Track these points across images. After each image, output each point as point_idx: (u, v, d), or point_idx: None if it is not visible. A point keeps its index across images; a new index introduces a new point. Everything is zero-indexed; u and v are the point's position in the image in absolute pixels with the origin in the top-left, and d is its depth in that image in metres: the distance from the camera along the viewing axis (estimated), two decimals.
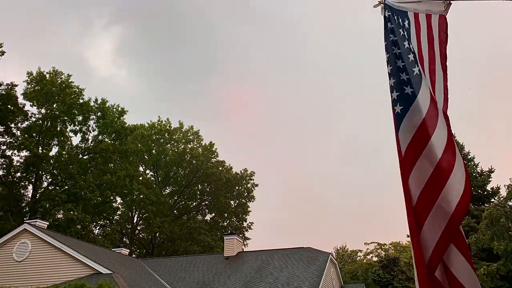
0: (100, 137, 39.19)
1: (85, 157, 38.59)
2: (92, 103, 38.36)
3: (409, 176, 3.48)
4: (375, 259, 46.76)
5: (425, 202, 3.39)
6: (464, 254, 3.31)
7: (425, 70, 3.81)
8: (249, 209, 49.77)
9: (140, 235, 46.96)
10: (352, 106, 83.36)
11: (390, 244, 47.61)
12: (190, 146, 49.63)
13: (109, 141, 38.74)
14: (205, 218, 50.41)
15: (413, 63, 3.73)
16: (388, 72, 3.85)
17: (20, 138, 34.84)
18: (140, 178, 43.67)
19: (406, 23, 3.99)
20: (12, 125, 34.62)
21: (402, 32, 3.94)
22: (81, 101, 37.51)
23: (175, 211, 48.83)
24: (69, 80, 37.54)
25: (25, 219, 28.35)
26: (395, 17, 4.05)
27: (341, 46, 79.14)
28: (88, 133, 38.93)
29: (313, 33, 77.45)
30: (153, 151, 48.19)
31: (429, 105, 3.53)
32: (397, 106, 3.66)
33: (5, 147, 34.59)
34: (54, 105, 36.02)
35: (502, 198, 15.17)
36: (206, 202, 50.30)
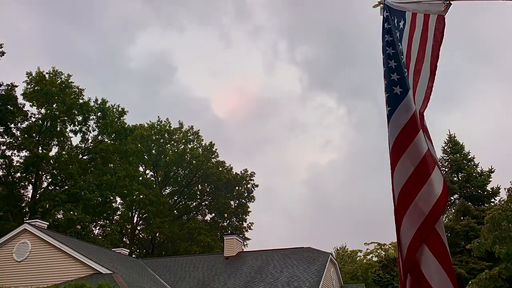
0: (100, 137, 39.20)
1: (85, 157, 38.59)
2: (92, 103, 38.38)
3: (393, 175, 3.51)
4: (375, 259, 46.72)
5: (403, 201, 3.40)
6: (436, 255, 3.29)
7: (410, 71, 3.82)
8: (249, 209, 49.81)
9: (140, 235, 46.95)
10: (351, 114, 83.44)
11: (390, 244, 47.56)
12: (190, 146, 49.61)
13: (109, 141, 38.75)
14: (205, 218, 50.41)
15: (404, 64, 3.74)
16: (383, 74, 3.86)
17: (20, 138, 34.86)
18: (140, 179, 43.67)
19: (401, 23, 4.00)
20: (12, 125, 34.62)
21: (397, 33, 3.95)
22: (81, 101, 37.52)
23: (175, 211, 48.81)
24: (69, 80, 37.56)
25: (25, 219, 28.35)
26: (393, 18, 4.06)
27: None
28: (88, 133, 38.98)
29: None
30: (153, 151, 48.18)
31: (416, 106, 3.54)
32: (387, 107, 3.67)
33: (5, 147, 34.63)
34: (54, 105, 36.03)
35: (503, 202, 15.16)
36: (206, 202, 50.30)
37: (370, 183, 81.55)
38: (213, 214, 50.09)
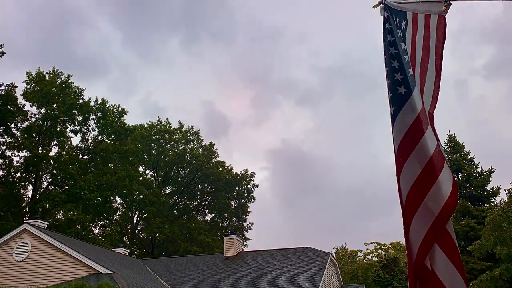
0: (100, 137, 39.20)
1: (85, 157, 38.59)
2: (92, 103, 38.38)
3: (400, 176, 3.49)
4: (375, 259, 46.71)
5: (412, 202, 3.39)
6: (448, 254, 3.29)
7: (416, 71, 3.81)
8: (249, 209, 49.79)
9: (140, 235, 46.95)
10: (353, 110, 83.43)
11: (390, 244, 47.58)
12: (190, 146, 49.61)
13: (109, 142, 38.74)
14: (205, 219, 50.41)
15: (408, 64, 3.72)
16: (385, 74, 3.84)
17: (20, 138, 34.83)
18: (140, 179, 43.67)
19: (403, 23, 3.99)
20: (12, 125, 34.61)
21: (399, 33, 3.94)
22: (81, 101, 37.52)
23: (175, 211, 48.80)
24: (69, 80, 37.56)
25: (25, 219, 28.34)
26: (394, 18, 4.05)
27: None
28: (88, 133, 38.98)
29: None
30: (153, 151, 48.19)
31: (421, 106, 3.53)
32: (391, 107, 3.66)
33: (5, 147, 34.60)
34: (54, 105, 36.03)
35: (503, 203, 15.16)
36: (206, 202, 50.28)
37: (370, 181, 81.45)
38: (213, 214, 50.07)
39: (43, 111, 36.10)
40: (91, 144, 38.88)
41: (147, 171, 49.12)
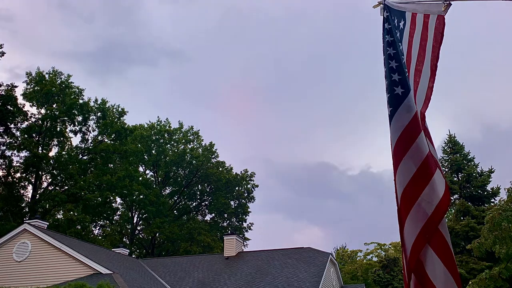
0: (100, 137, 39.21)
1: (85, 157, 38.60)
2: (92, 104, 38.39)
3: (396, 175, 3.51)
4: (375, 259, 46.68)
5: (406, 201, 3.41)
6: (439, 255, 3.30)
7: (411, 71, 3.83)
8: (249, 209, 49.79)
9: (140, 235, 46.96)
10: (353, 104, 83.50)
11: (390, 244, 47.55)
12: (190, 147, 49.64)
13: (109, 142, 38.76)
14: (205, 219, 50.43)
15: (405, 65, 3.74)
16: (384, 74, 3.86)
17: (20, 138, 34.84)
18: (140, 179, 43.69)
19: (401, 24, 4.01)
20: (12, 125, 34.61)
21: (397, 33, 3.96)
22: (81, 101, 37.53)
23: (175, 211, 48.81)
24: (69, 81, 37.57)
25: (25, 219, 28.35)
26: (393, 18, 4.06)
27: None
28: (88, 133, 38.99)
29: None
30: (153, 151, 48.21)
31: (416, 107, 3.55)
32: (388, 108, 3.68)
33: (5, 147, 34.61)
34: (54, 106, 36.04)
35: (503, 202, 15.16)
36: (206, 203, 50.30)
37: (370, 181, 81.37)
38: (213, 214, 50.09)
39: (43, 111, 36.11)
40: (91, 144, 38.89)
41: (147, 171, 49.16)
